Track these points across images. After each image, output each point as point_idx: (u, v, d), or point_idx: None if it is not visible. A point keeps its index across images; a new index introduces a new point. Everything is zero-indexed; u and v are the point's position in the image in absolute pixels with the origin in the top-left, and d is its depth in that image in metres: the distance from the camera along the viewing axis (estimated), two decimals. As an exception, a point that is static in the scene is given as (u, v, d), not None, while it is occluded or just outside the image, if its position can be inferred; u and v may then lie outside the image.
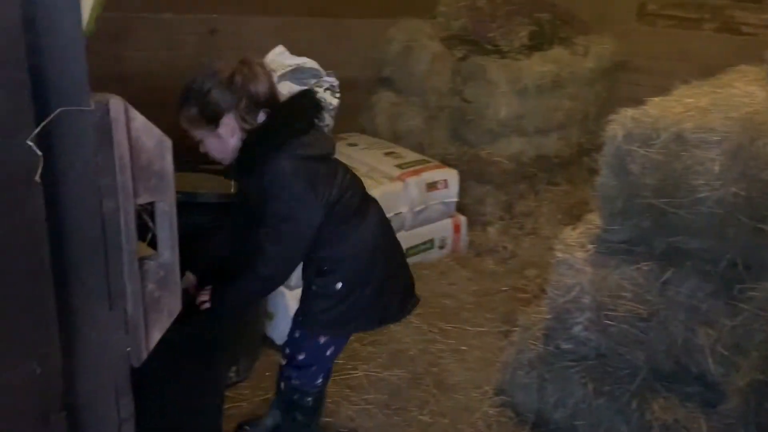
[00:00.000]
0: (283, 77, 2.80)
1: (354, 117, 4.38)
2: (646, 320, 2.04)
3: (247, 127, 1.80)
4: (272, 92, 1.85)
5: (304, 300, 2.06)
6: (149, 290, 1.13)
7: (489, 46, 3.88)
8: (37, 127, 0.87)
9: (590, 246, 2.26)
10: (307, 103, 1.95)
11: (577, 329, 2.23)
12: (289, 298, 2.80)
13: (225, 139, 1.80)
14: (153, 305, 1.15)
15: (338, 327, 2.04)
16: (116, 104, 0.99)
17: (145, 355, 1.15)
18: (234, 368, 2.63)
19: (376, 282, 2.00)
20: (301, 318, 2.07)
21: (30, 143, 0.85)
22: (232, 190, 2.06)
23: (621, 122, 2.06)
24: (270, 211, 1.83)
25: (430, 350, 3.03)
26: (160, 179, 1.09)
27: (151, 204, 1.14)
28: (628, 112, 2.07)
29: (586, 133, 4.38)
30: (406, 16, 4.31)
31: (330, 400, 2.63)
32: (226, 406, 2.47)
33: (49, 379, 0.97)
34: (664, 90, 2.30)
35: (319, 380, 2.17)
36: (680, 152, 1.92)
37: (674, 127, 1.95)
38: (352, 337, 3.01)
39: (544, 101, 3.99)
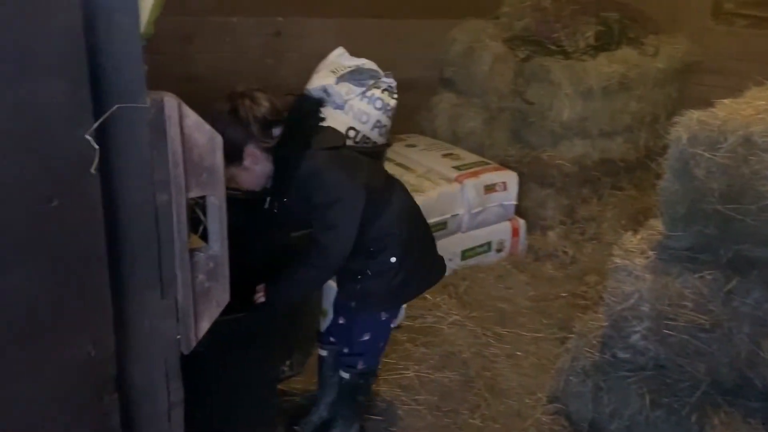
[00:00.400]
0: (342, 78, 2.85)
1: (413, 118, 4.39)
2: (709, 331, 1.95)
3: (268, 146, 1.88)
4: (275, 107, 1.91)
5: (356, 287, 2.10)
6: (199, 280, 1.18)
7: (553, 47, 3.81)
8: (95, 122, 0.93)
9: (651, 252, 2.18)
10: (310, 104, 2.02)
11: (635, 338, 2.16)
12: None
13: (252, 169, 1.89)
14: (202, 295, 1.19)
15: (399, 298, 2.17)
16: (170, 102, 1.04)
17: (194, 343, 1.20)
18: (288, 362, 2.69)
19: (419, 245, 2.13)
20: (355, 304, 2.15)
21: (88, 137, 0.90)
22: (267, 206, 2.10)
23: (686, 124, 1.98)
24: (315, 203, 1.89)
25: (483, 354, 3.00)
26: (211, 174, 1.14)
27: (203, 198, 1.19)
28: (694, 114, 1.98)
29: (655, 137, 4.22)
30: (468, 16, 4.29)
31: (380, 399, 2.65)
32: (280, 400, 2.53)
33: (102, 361, 1.03)
34: (738, 92, 2.19)
35: (382, 355, 2.30)
36: (748, 156, 1.83)
37: (742, 130, 1.86)
38: (404, 337, 3.05)
39: (610, 103, 3.87)
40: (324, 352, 2.36)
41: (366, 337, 2.19)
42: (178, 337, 1.18)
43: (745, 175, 1.83)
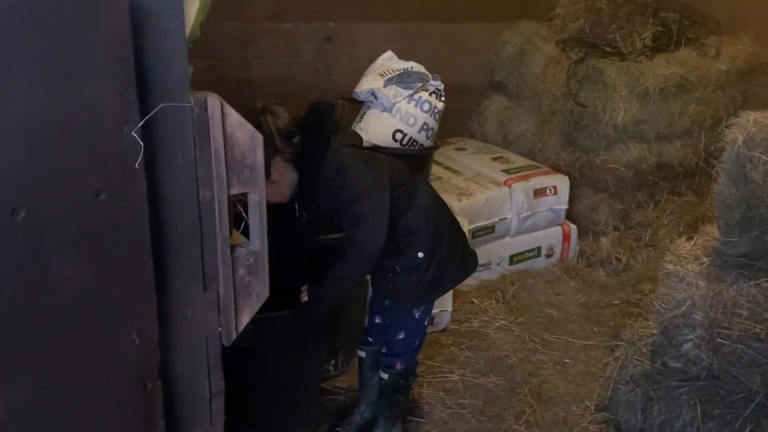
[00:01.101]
0: (390, 81, 2.87)
1: (464, 121, 4.37)
2: (764, 341, 1.87)
3: (290, 155, 1.92)
4: (293, 117, 1.94)
5: (389, 285, 2.15)
6: (240, 275, 1.22)
7: (608, 48, 3.72)
8: (141, 120, 0.97)
9: (705, 259, 2.10)
10: (323, 107, 2.01)
11: (686, 347, 2.09)
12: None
13: (280, 182, 1.94)
14: (243, 289, 1.23)
15: (431, 293, 2.18)
16: (213, 101, 1.08)
17: (234, 335, 1.24)
18: (332, 362, 2.72)
19: (448, 239, 2.15)
20: (389, 302, 2.20)
21: (134, 134, 0.95)
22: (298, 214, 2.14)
23: (742, 126, 1.91)
24: (343, 200, 1.94)
25: (530, 360, 2.96)
26: (252, 171, 1.17)
27: (245, 195, 1.23)
28: (752, 116, 1.91)
29: (716, 141, 4.05)
30: (521, 19, 4.25)
31: (424, 401, 2.65)
32: (324, 398, 2.56)
33: (146, 350, 1.07)
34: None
35: (419, 353, 2.33)
36: (809, 159, 1.75)
37: (803, 131, 1.78)
38: (449, 340, 3.04)
39: (668, 106, 3.75)
40: (363, 353, 2.39)
41: (401, 336, 2.21)
42: (219, 329, 1.22)
43: (806, 178, 1.75)
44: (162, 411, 1.12)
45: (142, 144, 0.95)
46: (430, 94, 2.85)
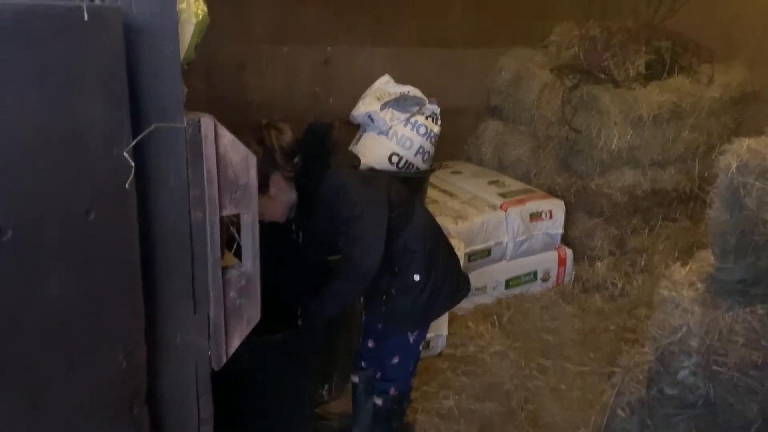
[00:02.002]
0: (387, 105, 2.89)
1: (460, 145, 4.39)
2: (761, 368, 1.84)
3: (291, 174, 1.94)
4: (296, 136, 1.97)
5: (383, 307, 2.14)
6: (231, 297, 1.20)
7: (602, 75, 3.75)
8: (133, 140, 0.97)
9: (700, 285, 2.09)
10: (321, 128, 2.03)
11: (683, 374, 2.06)
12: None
13: (277, 198, 1.95)
14: (234, 312, 1.21)
15: (426, 317, 2.18)
16: (206, 122, 1.08)
17: (224, 360, 1.22)
18: (326, 386, 2.68)
19: (443, 261, 2.15)
20: (382, 325, 2.19)
21: (125, 154, 0.94)
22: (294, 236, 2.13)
23: (736, 152, 1.91)
24: (342, 219, 1.94)
25: (526, 386, 2.93)
26: (245, 192, 1.17)
27: (237, 216, 1.22)
28: (744, 142, 1.91)
29: (710, 167, 4.06)
30: (516, 46, 4.29)
31: (419, 427, 2.62)
32: (317, 423, 2.52)
33: (134, 373, 1.05)
34: (798, 122, 2.11)
35: (413, 378, 2.30)
36: (803, 185, 1.75)
37: (797, 158, 1.78)
38: (444, 365, 3.01)
39: (662, 132, 3.78)
40: (356, 378, 2.36)
41: (395, 360, 2.20)
42: (209, 353, 1.20)
43: (800, 205, 1.75)
44: (150, 436, 1.10)
45: (132, 164, 0.94)
46: (427, 118, 2.86)
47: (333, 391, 2.75)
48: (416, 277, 2.06)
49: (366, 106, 2.90)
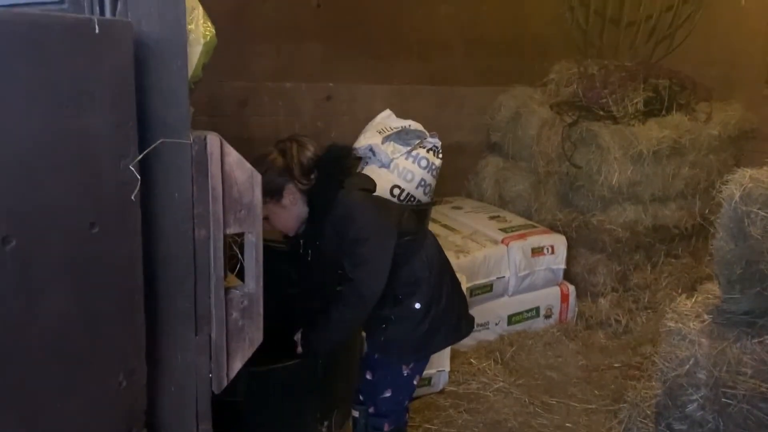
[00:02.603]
0: (389, 138, 2.91)
1: (461, 181, 4.41)
2: (772, 401, 1.81)
3: (305, 188, 1.96)
4: (317, 154, 1.99)
5: (381, 336, 2.11)
6: (233, 318, 1.18)
7: (601, 112, 3.79)
8: (140, 154, 0.97)
9: (707, 316, 2.07)
10: (341, 148, 2.07)
11: (691, 408, 2.02)
12: (385, 356, 2.78)
13: (289, 209, 1.97)
14: (236, 333, 1.19)
15: (421, 348, 2.13)
16: (213, 140, 1.08)
17: (226, 382, 1.19)
18: (326, 423, 2.62)
19: (446, 296, 2.11)
20: (378, 355, 2.15)
21: (131, 168, 0.94)
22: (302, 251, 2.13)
23: (739, 182, 1.92)
24: (349, 241, 1.93)
25: (531, 424, 2.86)
26: (249, 211, 1.16)
27: (240, 236, 1.21)
28: (747, 172, 1.92)
29: (711, 204, 4.08)
30: (516, 84, 4.35)
31: (421, 466, 2.55)
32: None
33: (133, 394, 1.03)
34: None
35: (407, 412, 2.25)
36: (807, 214, 1.75)
37: (800, 186, 1.79)
38: (447, 402, 2.95)
39: (662, 168, 3.79)
40: (356, 413, 2.31)
41: (387, 394, 2.16)
42: (210, 375, 1.17)
43: (805, 233, 1.75)
44: (148, 460, 1.07)
45: (138, 177, 0.94)
46: (428, 151, 2.88)
47: (332, 428, 2.69)
48: (417, 305, 2.04)
49: (368, 139, 2.92)
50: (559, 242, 3.64)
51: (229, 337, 1.18)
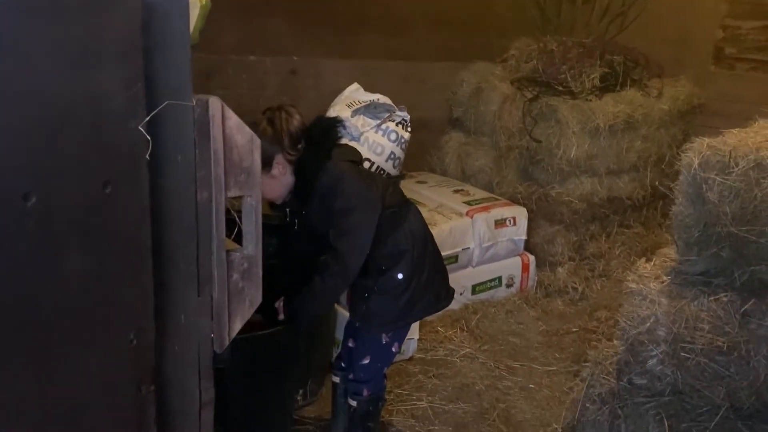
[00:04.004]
0: (358, 112, 2.94)
1: (424, 156, 4.47)
2: (726, 354, 1.95)
3: (293, 158, 1.99)
4: (304, 124, 2.03)
5: (363, 304, 2.15)
6: (234, 280, 1.21)
7: (560, 87, 3.91)
8: (147, 116, 0.98)
9: (665, 278, 2.19)
10: (329, 120, 2.13)
11: (651, 363, 2.15)
12: (356, 326, 2.84)
13: (278, 178, 1.99)
14: (236, 294, 1.22)
15: (400, 318, 2.18)
16: (214, 103, 1.10)
17: (227, 342, 1.22)
18: (301, 391, 2.67)
19: (429, 267, 2.17)
20: (359, 323, 2.20)
21: (141, 129, 0.95)
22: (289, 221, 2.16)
23: (697, 150, 2.03)
24: (336, 210, 1.97)
25: (497, 386, 2.99)
26: (249, 175, 1.18)
27: (238, 199, 1.23)
28: (705, 141, 2.04)
29: (661, 176, 4.28)
30: (477, 60, 4.42)
31: (394, 429, 2.63)
32: (293, 428, 2.51)
33: (143, 352, 1.05)
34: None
35: (386, 379, 2.31)
36: (760, 179, 1.87)
37: (753, 154, 1.90)
38: (416, 369, 3.04)
39: (617, 142, 3.95)
40: (336, 378, 2.37)
41: (366, 361, 2.21)
42: (212, 335, 1.20)
43: (758, 197, 1.87)
44: (154, 417, 1.09)
45: (149, 138, 0.95)
46: (397, 125, 2.92)
47: (308, 396, 2.74)
48: (399, 276, 2.09)
49: (337, 113, 2.94)
50: (521, 214, 3.75)
51: (230, 298, 1.20)
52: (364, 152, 2.88)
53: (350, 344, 2.31)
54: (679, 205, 2.09)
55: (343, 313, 2.85)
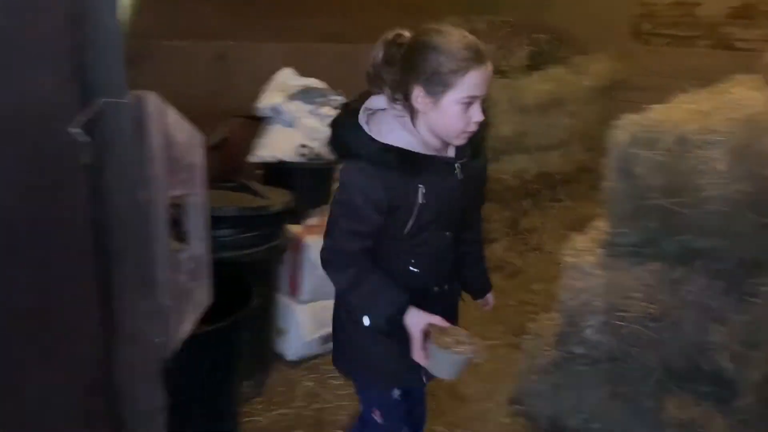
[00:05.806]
0: (293, 97, 2.89)
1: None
2: (658, 320, 2.06)
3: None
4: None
5: None
6: (181, 281, 1.17)
7: (490, 66, 3.97)
8: (83, 115, 0.92)
9: (599, 250, 2.29)
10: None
11: (589, 332, 2.25)
12: (299, 313, 2.82)
13: (430, 111, 1.49)
14: (184, 296, 1.18)
15: None
16: (152, 99, 1.05)
17: (176, 346, 1.19)
18: (248, 383, 2.64)
19: None
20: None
21: (77, 130, 0.90)
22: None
23: (625, 126, 2.12)
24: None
25: (441, 364, 3.04)
26: (191, 172, 1.14)
27: (181, 198, 1.19)
28: (632, 117, 2.12)
29: (587, 150, 4.45)
30: (408, 40, 4.42)
31: (348, 413, 2.65)
32: (243, 420, 2.48)
33: (89, 362, 1.00)
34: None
35: None
36: (684, 153, 1.97)
37: (677, 129, 2.01)
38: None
39: (545, 119, 4.07)
40: None
41: None
42: (161, 339, 1.16)
43: (683, 170, 1.97)
44: (107, 428, 1.05)
45: (88, 140, 0.90)
46: (334, 109, 2.89)
47: (254, 387, 2.71)
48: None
49: (270, 99, 2.88)
50: (458, 192, 3.81)
51: (178, 300, 1.17)
52: (300, 138, 2.85)
53: None
54: (610, 180, 2.17)
55: (286, 303, 2.83)
